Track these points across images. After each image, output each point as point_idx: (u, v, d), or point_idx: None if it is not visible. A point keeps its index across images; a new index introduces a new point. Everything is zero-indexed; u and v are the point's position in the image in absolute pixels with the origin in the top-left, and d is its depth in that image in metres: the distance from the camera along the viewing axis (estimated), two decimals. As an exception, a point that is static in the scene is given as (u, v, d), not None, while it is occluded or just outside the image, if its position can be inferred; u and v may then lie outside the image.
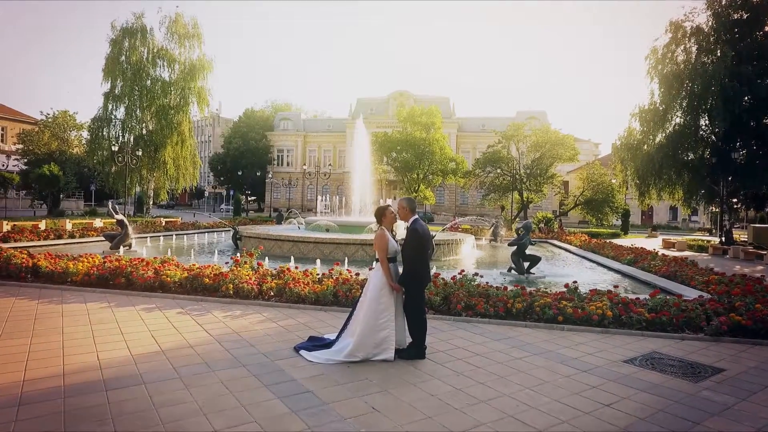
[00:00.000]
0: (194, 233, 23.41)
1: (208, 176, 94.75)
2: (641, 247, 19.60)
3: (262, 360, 5.58)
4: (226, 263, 10.35)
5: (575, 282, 9.04)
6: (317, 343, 6.09)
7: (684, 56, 27.38)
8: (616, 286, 9.31)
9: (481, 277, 9.45)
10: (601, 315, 7.45)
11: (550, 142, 37.65)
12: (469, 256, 17.87)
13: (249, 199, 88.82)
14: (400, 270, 6.00)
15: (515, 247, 12.93)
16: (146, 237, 19.73)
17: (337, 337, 5.94)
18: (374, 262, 6.08)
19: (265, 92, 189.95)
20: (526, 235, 12.80)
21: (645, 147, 29.15)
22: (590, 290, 8.65)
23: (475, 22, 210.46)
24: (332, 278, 9.29)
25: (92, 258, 10.40)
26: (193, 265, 9.95)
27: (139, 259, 10.23)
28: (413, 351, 5.82)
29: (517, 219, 37.73)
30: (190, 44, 36.90)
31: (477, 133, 72.94)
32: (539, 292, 8.35)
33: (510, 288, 8.65)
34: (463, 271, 9.61)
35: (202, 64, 36.72)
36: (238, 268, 9.48)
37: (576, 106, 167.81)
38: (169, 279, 9.13)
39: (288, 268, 9.78)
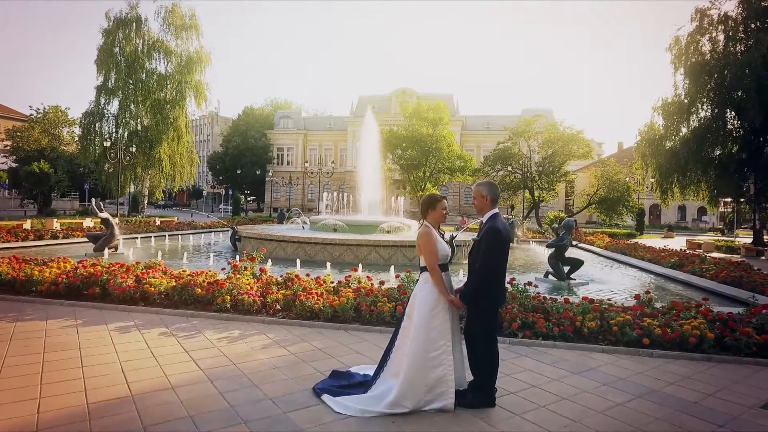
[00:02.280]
0: (190, 233, 21.78)
1: (207, 176, 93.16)
2: (674, 249, 18.03)
3: (271, 411, 3.97)
4: (223, 269, 8.71)
5: (648, 293, 7.44)
6: (345, 383, 4.48)
7: (710, 46, 25.79)
8: (698, 303, 7.71)
9: (536, 287, 7.88)
10: (699, 337, 5.85)
11: (562, 139, 36.12)
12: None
13: (248, 198, 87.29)
14: (453, 283, 4.43)
15: (553, 249, 11.32)
16: (137, 237, 18.09)
17: (375, 376, 4.31)
18: (419, 274, 4.47)
19: (265, 91, 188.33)
20: (567, 235, 11.20)
21: (668, 143, 27.62)
22: (671, 302, 7.04)
23: (477, 19, 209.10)
24: (350, 287, 7.68)
25: (64, 263, 8.78)
26: (183, 271, 8.34)
27: (119, 264, 8.60)
28: (479, 396, 4.21)
29: (527, 219, 36.12)
30: (187, 36, 35.29)
31: (482, 131, 71.42)
32: (612, 306, 6.74)
33: (559, 299, 7.10)
34: (513, 279, 7.97)
35: (199, 57, 35.09)
36: (237, 276, 7.86)
37: (578, 105, 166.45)
38: (153, 289, 7.52)
39: (297, 275, 8.17)
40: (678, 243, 32.69)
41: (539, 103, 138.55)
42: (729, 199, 30.15)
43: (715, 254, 22.55)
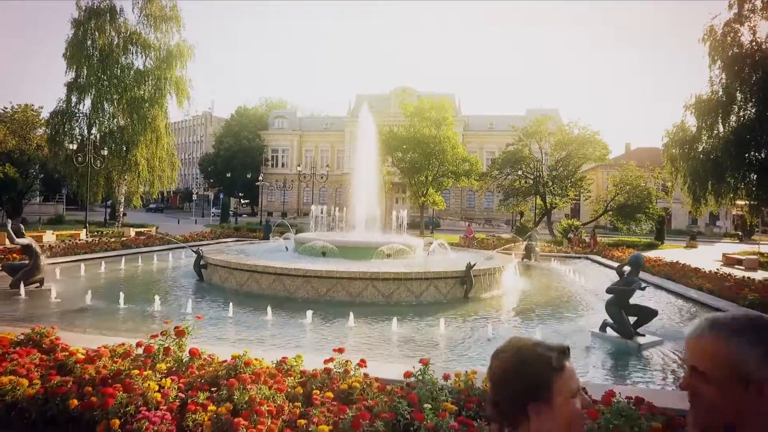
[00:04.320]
0: (157, 251, 18.64)
1: (196, 178, 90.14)
2: (726, 274, 15.10)
3: None
4: (138, 345, 5.61)
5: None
6: None
7: (750, 36, 22.85)
8: None
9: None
10: None
11: (577, 140, 33.14)
12: (513, 290, 13.24)
13: (242, 202, 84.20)
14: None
15: (615, 294, 8.30)
16: (80, 262, 14.95)
17: None
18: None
19: (261, 90, 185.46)
20: (635, 275, 8.19)
21: (701, 144, 24.68)
22: None
23: (478, 17, 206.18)
24: (331, 387, 4.67)
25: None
26: (73, 353, 5.26)
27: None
28: None
29: (537, 227, 33.01)
30: (167, 28, 32.14)
31: (484, 132, 68.54)
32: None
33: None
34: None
35: (180, 51, 31.95)
36: (146, 370, 4.81)
37: (582, 105, 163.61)
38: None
39: (248, 362, 5.12)
40: (706, 254, 29.75)
41: (543, 102, 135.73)
42: (742, 203, 27.06)
43: (762, 273, 19.65)
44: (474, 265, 11.55)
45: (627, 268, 8.34)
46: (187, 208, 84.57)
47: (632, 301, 8.41)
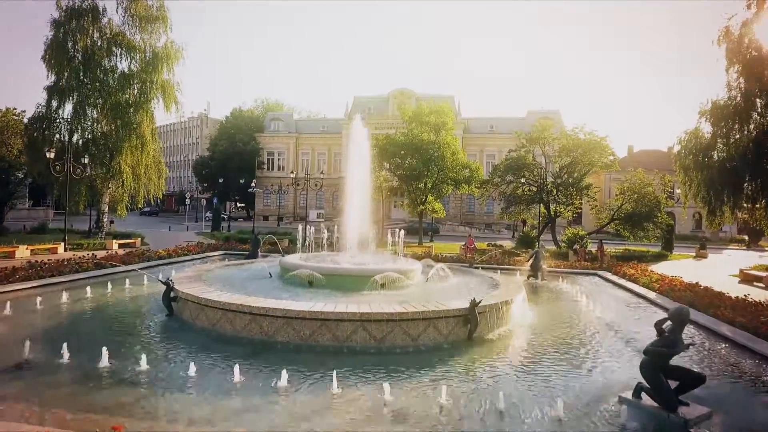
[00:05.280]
0: (132, 272, 17.03)
1: (190, 182, 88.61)
2: (756, 302, 13.61)
3: None
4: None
5: None
6: None
7: (770, 36, 21.43)
8: None
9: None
10: None
11: (582, 146, 31.67)
12: (522, 325, 11.78)
13: (238, 206, 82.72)
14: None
15: (651, 356, 6.83)
16: (43, 288, 13.38)
17: None
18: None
19: (257, 91, 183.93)
20: (678, 334, 6.73)
21: (716, 153, 23.31)
22: None
23: (477, 19, 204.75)
24: None
25: None
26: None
27: None
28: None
29: (544, 246, 31.46)
30: (153, 29, 30.66)
31: (485, 134, 67.13)
32: None
33: None
34: None
35: (168, 53, 30.48)
36: None
37: (583, 106, 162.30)
38: None
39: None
40: (719, 267, 28.34)
41: (544, 104, 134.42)
42: (748, 205, 25.68)
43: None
44: (479, 302, 10.10)
45: (668, 324, 6.87)
46: (182, 211, 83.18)
47: (673, 361, 6.96)
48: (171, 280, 11.71)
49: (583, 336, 11.12)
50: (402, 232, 17.06)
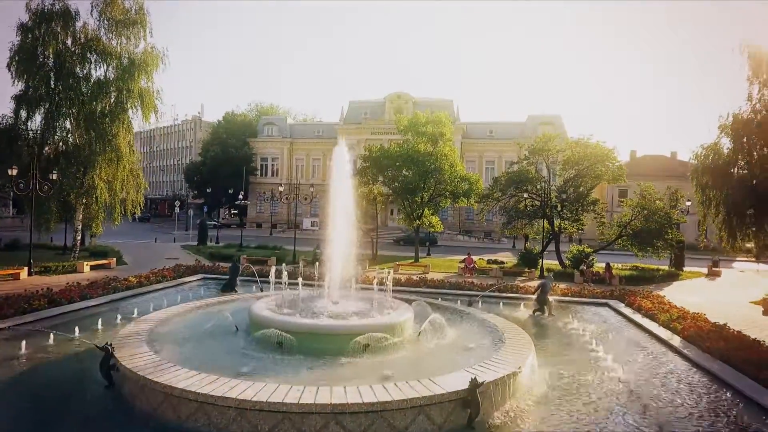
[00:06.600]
0: (90, 311, 14.92)
1: (181, 189, 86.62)
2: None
3: None
4: None
5: None
6: None
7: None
8: None
9: None
10: None
11: (589, 158, 29.79)
12: (531, 398, 9.81)
13: (231, 212, 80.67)
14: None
15: None
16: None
17: None
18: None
19: (251, 94, 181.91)
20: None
21: (737, 170, 21.45)
22: None
23: (476, 21, 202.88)
24: None
25: None
26: None
27: None
28: None
29: (541, 263, 29.47)
30: (131, 33, 28.60)
31: (484, 139, 65.27)
32: None
33: None
34: None
35: (146, 59, 28.48)
36: None
37: (583, 110, 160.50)
38: None
39: None
40: (736, 289, 26.59)
41: (544, 108, 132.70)
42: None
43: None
44: (482, 383, 8.18)
45: None
46: (174, 216, 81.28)
47: None
48: (110, 345, 9.74)
49: (606, 414, 9.14)
50: (391, 275, 15.05)
